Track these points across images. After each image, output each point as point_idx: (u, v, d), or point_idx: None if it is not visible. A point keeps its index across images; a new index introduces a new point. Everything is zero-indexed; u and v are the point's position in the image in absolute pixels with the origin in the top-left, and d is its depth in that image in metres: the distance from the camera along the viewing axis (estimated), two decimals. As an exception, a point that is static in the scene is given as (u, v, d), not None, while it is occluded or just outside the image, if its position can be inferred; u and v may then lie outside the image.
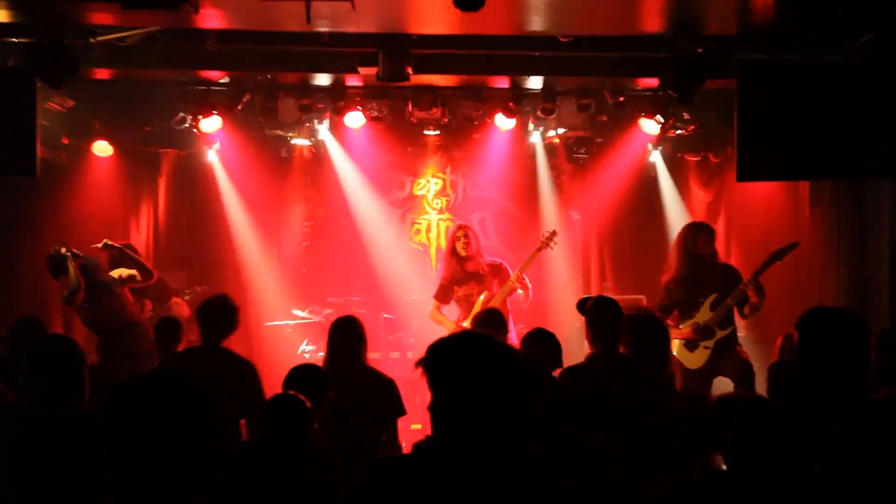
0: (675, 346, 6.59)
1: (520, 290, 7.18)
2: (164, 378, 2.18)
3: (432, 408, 2.24)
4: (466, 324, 6.84)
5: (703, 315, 6.51)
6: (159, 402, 2.05)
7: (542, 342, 4.63)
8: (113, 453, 2.02)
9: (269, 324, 9.00)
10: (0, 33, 6.18)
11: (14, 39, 6.25)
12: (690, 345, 6.55)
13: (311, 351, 8.33)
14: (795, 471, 2.36)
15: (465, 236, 7.26)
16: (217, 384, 4.14)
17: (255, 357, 6.35)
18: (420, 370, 2.26)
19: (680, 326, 6.57)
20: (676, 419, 4.41)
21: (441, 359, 2.26)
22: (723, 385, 6.99)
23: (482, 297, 7.14)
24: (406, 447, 4.82)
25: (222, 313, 5.13)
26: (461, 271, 7.27)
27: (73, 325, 7.71)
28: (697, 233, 6.73)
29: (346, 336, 5.05)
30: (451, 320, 7.24)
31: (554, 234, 7.46)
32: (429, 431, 2.29)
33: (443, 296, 7.39)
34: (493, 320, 5.19)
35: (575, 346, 6.85)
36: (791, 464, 2.36)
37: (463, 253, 7.23)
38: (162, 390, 2.09)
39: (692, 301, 6.59)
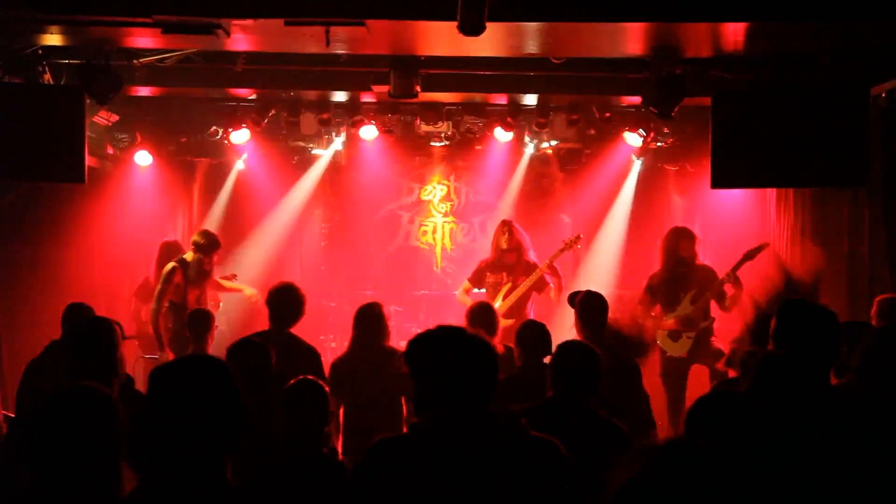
0: (660, 336, 6.60)
1: (550, 282, 7.14)
2: (198, 361, 2.27)
3: (414, 395, 2.31)
4: (497, 305, 6.80)
5: (685, 308, 6.52)
6: (194, 380, 2.14)
7: (534, 332, 4.66)
8: (155, 422, 2.08)
9: None
10: (54, 55, 6.26)
11: (66, 61, 6.34)
12: (674, 335, 6.55)
13: None
14: (755, 452, 2.32)
15: (508, 232, 7.29)
16: (283, 366, 4.19)
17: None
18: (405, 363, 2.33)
19: (665, 318, 6.58)
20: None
21: (419, 352, 2.32)
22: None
23: (506, 287, 7.14)
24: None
25: (292, 302, 5.21)
26: (498, 261, 7.30)
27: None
28: (680, 237, 6.74)
29: (368, 321, 5.14)
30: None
31: (579, 237, 7.49)
32: None
33: (476, 279, 7.42)
34: (483, 315, 5.23)
35: (566, 335, 6.83)
36: (751, 445, 2.30)
37: (504, 246, 7.25)
38: (196, 370, 2.17)
39: (673, 296, 6.60)
